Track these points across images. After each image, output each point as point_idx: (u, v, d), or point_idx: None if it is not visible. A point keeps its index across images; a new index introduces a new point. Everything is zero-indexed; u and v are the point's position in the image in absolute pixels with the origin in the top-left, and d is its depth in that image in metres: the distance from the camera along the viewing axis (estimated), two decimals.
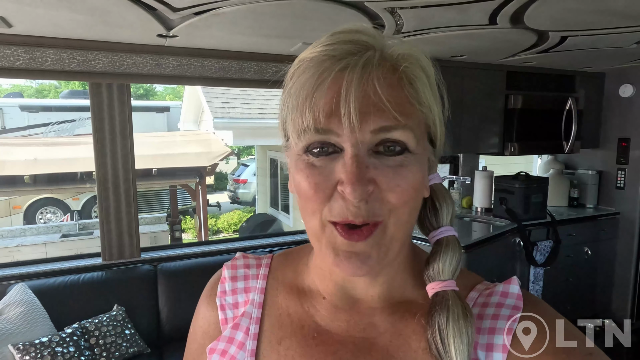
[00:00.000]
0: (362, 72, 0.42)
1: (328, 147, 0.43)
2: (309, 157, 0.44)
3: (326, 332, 0.51)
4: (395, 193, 0.43)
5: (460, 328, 0.44)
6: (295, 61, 0.47)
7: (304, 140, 0.44)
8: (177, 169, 6.02)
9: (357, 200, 0.42)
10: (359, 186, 0.41)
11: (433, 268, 0.49)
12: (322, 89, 0.42)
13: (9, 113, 8.63)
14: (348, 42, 0.44)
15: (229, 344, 0.54)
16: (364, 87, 0.41)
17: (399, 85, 0.43)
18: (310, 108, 0.42)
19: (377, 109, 0.42)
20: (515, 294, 0.49)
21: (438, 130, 0.48)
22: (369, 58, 0.43)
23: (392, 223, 0.44)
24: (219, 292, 0.58)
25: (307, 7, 1.57)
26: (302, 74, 0.44)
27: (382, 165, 0.43)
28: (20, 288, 2.19)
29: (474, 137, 3.06)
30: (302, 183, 0.45)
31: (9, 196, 7.25)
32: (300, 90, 0.43)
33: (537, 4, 1.57)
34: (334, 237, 0.44)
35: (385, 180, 0.43)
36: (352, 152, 0.42)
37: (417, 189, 0.45)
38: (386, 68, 0.43)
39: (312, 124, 0.42)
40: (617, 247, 3.48)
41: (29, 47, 2.03)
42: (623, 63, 3.04)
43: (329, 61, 0.43)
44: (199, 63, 2.36)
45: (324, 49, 0.44)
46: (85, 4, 1.52)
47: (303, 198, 0.45)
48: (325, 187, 0.43)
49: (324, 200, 0.44)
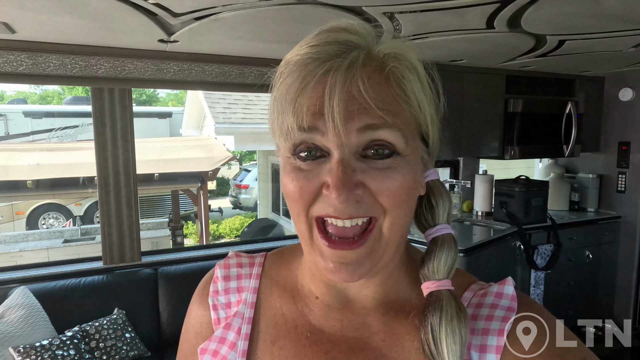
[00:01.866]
0: (346, 74, 0.41)
1: (315, 151, 0.43)
2: (296, 161, 0.44)
3: (319, 332, 0.51)
4: (385, 196, 0.43)
5: (454, 328, 0.44)
6: (281, 63, 0.47)
7: (289, 140, 0.44)
8: (178, 174, 6.03)
9: (343, 205, 0.41)
10: (344, 190, 0.41)
11: (428, 267, 0.48)
12: (306, 92, 0.42)
13: (12, 119, 8.68)
14: (333, 42, 0.43)
15: (221, 344, 0.54)
16: (348, 89, 0.41)
17: (386, 85, 0.43)
18: (293, 112, 0.42)
19: (362, 108, 0.41)
20: (510, 295, 0.48)
21: (430, 129, 0.47)
22: (354, 59, 0.42)
23: (386, 226, 0.44)
24: (211, 291, 0.58)
25: (306, 12, 1.59)
26: (287, 77, 0.44)
27: (369, 169, 0.42)
28: (21, 291, 2.20)
29: (474, 141, 3.07)
30: (288, 185, 0.45)
31: (12, 202, 7.27)
32: (285, 94, 0.43)
33: (534, 7, 1.58)
34: (320, 244, 0.44)
35: (375, 184, 0.42)
36: (338, 156, 0.41)
37: (408, 191, 0.44)
38: (372, 68, 0.43)
39: (296, 124, 0.42)
40: (619, 251, 3.47)
41: (32, 52, 2.05)
42: (622, 67, 3.04)
43: (313, 64, 0.42)
44: (199, 68, 2.39)
45: (308, 51, 0.44)
46: (88, 10, 1.55)
47: (290, 200, 0.45)
48: (311, 190, 0.43)
49: (309, 202, 0.44)
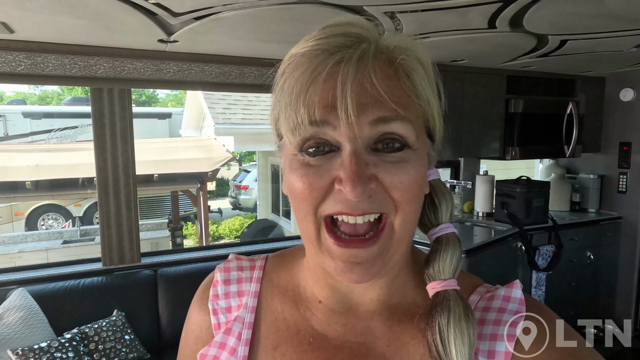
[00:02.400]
0: (358, 65, 0.40)
1: (324, 146, 0.41)
2: (304, 157, 0.42)
3: (322, 337, 0.50)
4: (399, 190, 0.41)
5: (462, 329, 0.43)
6: (286, 57, 0.45)
7: (298, 136, 0.42)
8: (178, 174, 6.03)
9: (358, 199, 0.40)
10: (359, 183, 0.39)
11: (433, 267, 0.47)
12: (317, 84, 0.40)
13: (12, 120, 8.68)
14: (341, 34, 0.42)
15: (221, 349, 0.53)
16: (360, 80, 0.40)
17: (396, 78, 0.42)
18: (304, 104, 0.40)
19: (374, 101, 0.40)
20: (518, 299, 0.47)
21: (437, 124, 0.47)
22: (364, 50, 0.41)
23: (398, 222, 0.43)
24: (211, 295, 0.56)
25: (307, 12, 1.58)
26: (295, 69, 0.43)
27: (382, 162, 0.41)
28: (19, 293, 2.19)
29: (475, 142, 3.06)
30: (296, 183, 0.43)
31: (11, 202, 7.26)
32: (293, 87, 0.42)
33: (536, 7, 1.57)
34: (329, 244, 0.43)
35: (388, 177, 0.41)
36: (351, 149, 0.40)
37: (420, 185, 0.43)
38: (382, 60, 0.42)
39: (307, 118, 0.40)
40: (620, 252, 3.46)
41: (30, 52, 2.04)
42: (623, 67, 3.04)
43: (323, 55, 0.41)
44: (199, 68, 2.37)
45: (316, 43, 0.43)
46: (87, 10, 1.53)
47: (297, 199, 0.43)
48: (321, 186, 0.41)
49: (319, 199, 0.42)
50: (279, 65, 0.46)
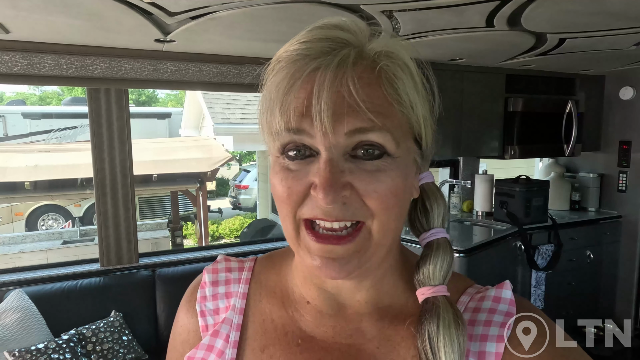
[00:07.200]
0: (335, 73, 0.40)
1: (305, 150, 0.42)
2: (285, 161, 0.43)
3: (311, 339, 0.50)
4: (373, 199, 0.41)
5: (452, 336, 0.43)
6: (272, 59, 0.45)
7: (277, 141, 0.43)
8: (177, 174, 6.03)
9: (330, 206, 0.40)
10: (331, 191, 0.39)
11: (423, 272, 0.47)
12: (294, 91, 0.41)
13: (11, 120, 8.68)
14: (324, 39, 0.42)
15: (208, 352, 0.52)
16: (337, 88, 0.40)
17: (377, 84, 0.41)
18: (281, 110, 0.41)
19: (351, 110, 0.40)
20: (508, 300, 0.47)
21: (423, 130, 0.46)
22: (344, 57, 0.41)
23: (375, 229, 0.43)
24: (198, 297, 0.56)
25: (304, 11, 1.57)
26: (276, 75, 0.43)
27: (358, 170, 0.41)
28: (17, 294, 2.18)
29: (474, 141, 3.05)
30: (277, 186, 0.44)
31: (11, 203, 7.26)
32: (273, 92, 0.42)
33: (534, 5, 1.56)
34: (307, 241, 0.43)
35: (362, 185, 0.41)
36: (327, 156, 0.40)
37: (397, 194, 0.43)
38: (363, 67, 0.42)
39: (284, 125, 0.41)
40: (620, 251, 3.45)
41: (26, 52, 2.03)
42: (623, 65, 3.03)
43: (302, 61, 0.41)
44: (197, 68, 2.37)
45: (298, 47, 0.42)
46: (82, 10, 1.53)
47: (277, 201, 0.44)
48: (299, 190, 0.42)
49: (297, 203, 0.43)
50: (267, 64, 0.46)
